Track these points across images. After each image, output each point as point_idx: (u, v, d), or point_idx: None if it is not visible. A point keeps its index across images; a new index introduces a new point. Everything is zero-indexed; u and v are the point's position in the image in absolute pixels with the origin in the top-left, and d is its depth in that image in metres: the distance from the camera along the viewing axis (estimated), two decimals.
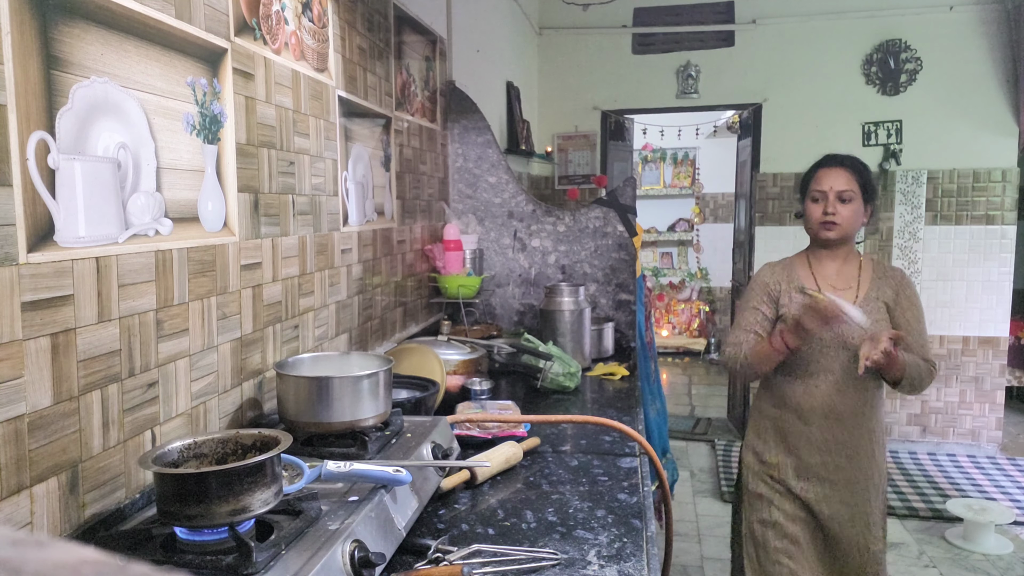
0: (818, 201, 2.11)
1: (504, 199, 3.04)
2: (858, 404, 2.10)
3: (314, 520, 1.05)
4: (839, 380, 2.08)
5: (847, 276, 2.13)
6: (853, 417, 2.10)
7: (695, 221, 8.27)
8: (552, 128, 5.58)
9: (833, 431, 2.11)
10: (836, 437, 2.11)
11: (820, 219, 2.10)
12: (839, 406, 2.09)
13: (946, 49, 4.92)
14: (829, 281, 2.12)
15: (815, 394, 2.11)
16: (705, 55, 5.32)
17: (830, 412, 2.10)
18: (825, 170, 2.13)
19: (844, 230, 2.09)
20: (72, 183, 1.03)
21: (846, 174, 2.09)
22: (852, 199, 2.08)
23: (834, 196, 2.08)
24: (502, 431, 1.73)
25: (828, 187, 2.09)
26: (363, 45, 2.16)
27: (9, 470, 0.93)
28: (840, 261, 2.15)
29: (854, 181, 2.09)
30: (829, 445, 2.12)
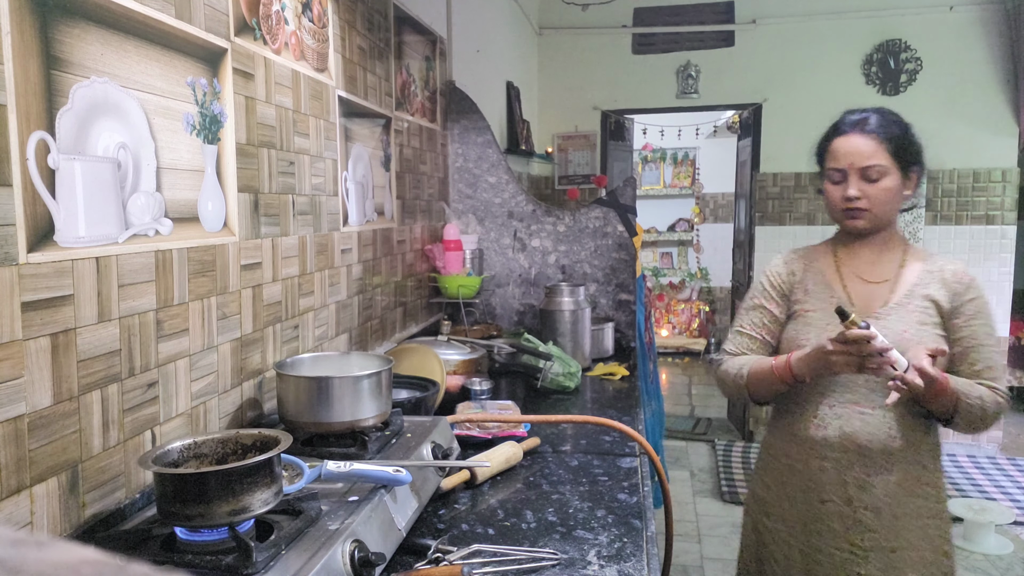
0: (837, 182, 1.60)
1: (504, 199, 3.04)
2: (896, 438, 1.56)
3: (314, 520, 1.05)
4: (863, 404, 1.58)
5: (883, 267, 1.64)
6: (889, 458, 1.56)
7: (695, 221, 8.27)
8: (552, 128, 5.58)
9: (858, 475, 1.57)
10: (862, 483, 1.57)
11: (841, 205, 1.60)
12: (866, 441, 1.56)
13: (946, 49, 4.92)
14: (858, 272, 1.65)
15: (831, 420, 1.60)
16: (705, 55, 5.32)
17: (851, 448, 1.58)
18: (841, 139, 1.60)
19: (876, 216, 1.58)
20: (72, 183, 1.03)
21: (870, 142, 1.56)
22: (883, 175, 1.55)
23: (857, 174, 1.57)
24: (502, 431, 1.73)
25: (847, 163, 1.57)
26: (363, 45, 2.16)
27: (9, 470, 0.93)
28: (876, 249, 1.65)
29: (882, 150, 1.55)
30: (851, 496, 1.58)
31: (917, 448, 1.57)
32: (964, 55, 4.90)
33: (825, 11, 5.06)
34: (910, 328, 1.57)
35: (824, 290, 1.66)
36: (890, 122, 1.59)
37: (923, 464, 1.58)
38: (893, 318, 1.58)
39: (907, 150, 1.59)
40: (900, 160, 1.57)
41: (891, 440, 1.56)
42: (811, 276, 1.69)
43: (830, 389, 1.60)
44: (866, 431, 1.57)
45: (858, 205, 1.57)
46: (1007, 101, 4.88)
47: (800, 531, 1.64)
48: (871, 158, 1.55)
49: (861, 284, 1.65)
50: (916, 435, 1.57)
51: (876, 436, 1.56)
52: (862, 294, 1.64)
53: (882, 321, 1.57)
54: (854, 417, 1.58)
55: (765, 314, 1.73)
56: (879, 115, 1.60)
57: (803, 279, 1.70)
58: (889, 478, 1.56)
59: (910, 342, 1.53)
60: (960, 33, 4.90)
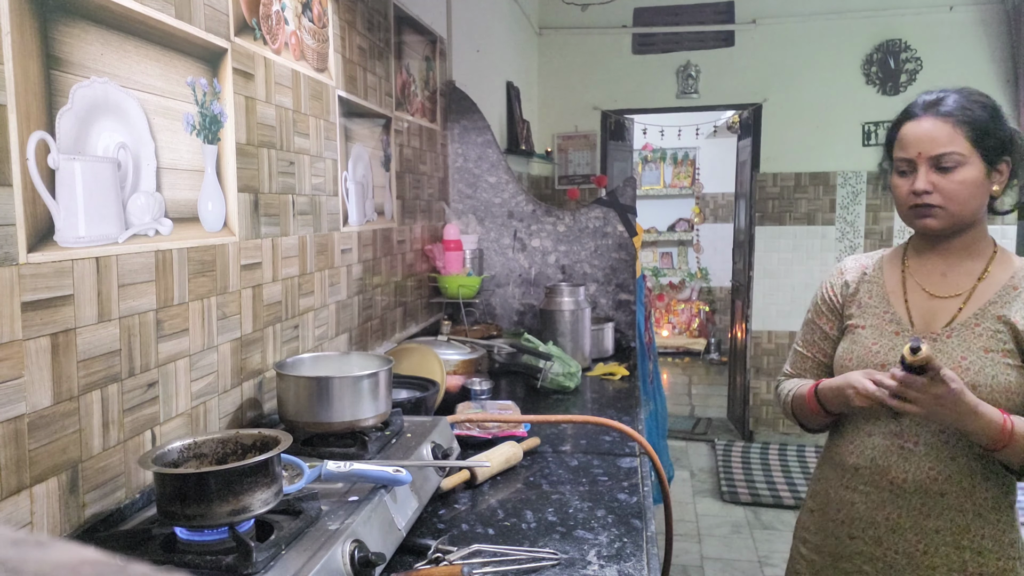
0: (905, 174, 1.37)
1: (504, 199, 3.04)
2: (938, 480, 1.34)
3: (314, 520, 1.05)
4: (905, 437, 1.37)
5: (959, 278, 1.39)
6: (927, 501, 1.35)
7: (695, 221, 8.27)
8: (552, 128, 5.58)
9: (890, 514, 1.38)
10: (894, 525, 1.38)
11: (909, 200, 1.37)
12: (900, 478, 1.36)
13: (946, 49, 4.92)
14: (926, 284, 1.42)
15: (865, 449, 1.42)
16: (705, 55, 5.32)
17: (883, 484, 1.38)
18: (912, 124, 1.37)
19: (952, 214, 1.34)
20: (72, 183, 1.03)
21: (944, 126, 1.32)
22: (960, 164, 1.31)
23: (927, 164, 1.33)
24: (502, 431, 1.73)
25: (916, 151, 1.34)
26: (363, 45, 2.16)
27: (9, 470, 0.93)
28: (955, 257, 1.40)
29: (959, 136, 1.31)
30: (881, 537, 1.39)
31: (968, 495, 1.33)
32: (964, 55, 4.90)
33: (825, 11, 5.06)
34: (971, 355, 1.32)
35: (880, 304, 1.45)
36: (971, 103, 1.34)
37: (977, 513, 1.33)
38: (953, 341, 1.34)
39: (992, 135, 1.33)
40: (983, 148, 1.32)
41: (931, 482, 1.34)
42: (869, 287, 1.48)
43: (873, 414, 1.40)
44: (902, 467, 1.36)
45: (928, 200, 1.33)
46: (1007, 101, 4.88)
47: (830, 565, 1.47)
48: (945, 145, 1.31)
49: (925, 299, 1.41)
50: (969, 480, 1.33)
51: (912, 475, 1.35)
52: (924, 311, 1.40)
53: (938, 344, 1.35)
54: (892, 451, 1.38)
55: (816, 331, 1.55)
56: (958, 95, 1.35)
57: (858, 290, 1.49)
58: (926, 523, 1.35)
59: (967, 373, 1.30)
60: (960, 33, 4.90)
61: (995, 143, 1.33)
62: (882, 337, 1.41)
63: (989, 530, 1.33)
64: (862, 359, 1.41)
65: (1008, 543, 1.34)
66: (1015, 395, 1.29)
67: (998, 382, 1.28)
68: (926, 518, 1.35)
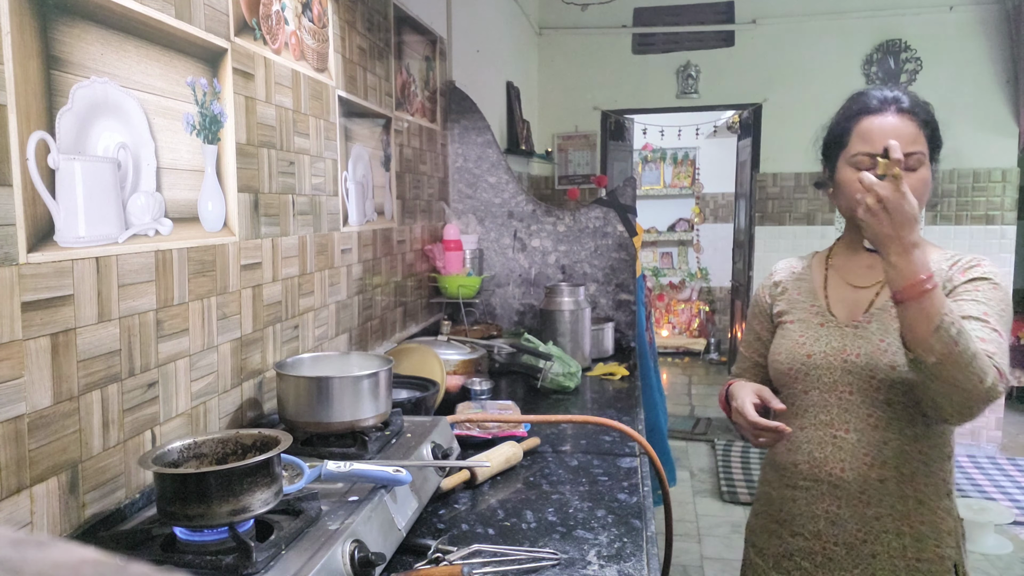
0: (868, 168, 1.29)
1: (504, 199, 3.04)
2: (875, 467, 1.33)
3: (314, 520, 1.05)
4: (836, 427, 1.37)
5: (880, 270, 1.37)
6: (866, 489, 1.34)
7: (695, 221, 8.27)
8: (552, 128, 5.58)
9: (829, 507, 1.37)
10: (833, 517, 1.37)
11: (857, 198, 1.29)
12: (838, 469, 1.36)
13: (946, 49, 4.92)
14: (849, 277, 1.44)
15: (801, 444, 1.42)
16: (705, 55, 5.32)
17: (821, 477, 1.38)
18: (875, 118, 1.32)
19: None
20: (72, 183, 1.03)
21: (911, 125, 1.30)
22: (921, 164, 1.30)
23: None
24: (502, 431, 1.73)
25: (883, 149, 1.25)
26: (363, 45, 2.16)
27: (9, 470, 0.93)
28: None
29: (922, 136, 1.31)
30: (821, 530, 1.39)
31: (908, 480, 1.33)
32: (964, 55, 4.90)
33: (825, 11, 5.06)
34: (889, 336, 1.33)
35: (807, 298, 1.48)
36: (924, 104, 1.35)
37: (918, 499, 1.33)
38: (873, 326, 1.36)
39: (938, 139, 1.36)
40: (934, 150, 1.35)
41: (868, 469, 1.33)
42: (798, 284, 1.52)
43: (802, 409, 1.41)
44: (838, 457, 1.36)
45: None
46: (1007, 101, 4.88)
47: (772, 567, 1.46)
48: (913, 143, 1.30)
49: (847, 290, 1.44)
50: (906, 465, 1.33)
51: (849, 464, 1.35)
52: (846, 301, 1.43)
53: (860, 331, 1.37)
54: (826, 442, 1.37)
55: (751, 332, 1.59)
56: (910, 96, 1.35)
57: (787, 288, 1.52)
58: (866, 511, 1.34)
59: (885, 354, 1.32)
60: (960, 33, 4.90)
61: (938, 147, 1.37)
62: (808, 329, 1.43)
63: (928, 516, 1.34)
64: (790, 351, 1.43)
65: (946, 531, 1.35)
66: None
67: None
68: (866, 506, 1.34)
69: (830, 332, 1.40)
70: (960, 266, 1.34)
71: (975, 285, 1.30)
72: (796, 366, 1.41)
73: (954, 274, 1.33)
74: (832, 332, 1.40)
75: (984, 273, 1.31)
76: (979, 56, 4.88)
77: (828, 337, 1.38)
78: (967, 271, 1.32)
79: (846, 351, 1.36)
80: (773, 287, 1.56)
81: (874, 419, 1.34)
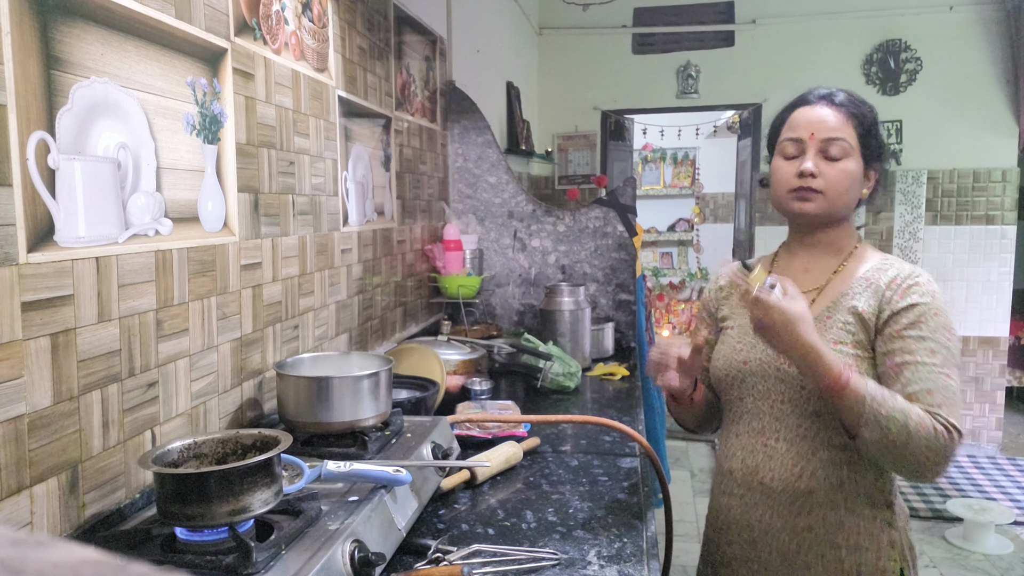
0: (791, 156, 1.34)
1: (504, 199, 3.04)
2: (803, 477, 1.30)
3: (314, 520, 1.05)
4: (767, 434, 1.34)
5: (817, 274, 1.38)
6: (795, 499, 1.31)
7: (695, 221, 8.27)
8: (552, 128, 5.58)
9: (762, 516, 1.35)
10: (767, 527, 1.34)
11: (790, 183, 1.33)
12: (768, 477, 1.33)
13: (946, 49, 4.92)
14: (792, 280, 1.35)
15: (735, 451, 1.40)
16: (705, 55, 5.32)
17: (754, 485, 1.35)
18: (805, 109, 1.36)
19: (829, 203, 1.32)
20: (72, 183, 1.03)
21: (838, 115, 1.32)
22: (846, 155, 1.31)
23: (816, 147, 1.31)
24: (502, 431, 1.73)
25: (808, 133, 1.32)
26: (363, 45, 2.16)
27: (9, 470, 0.93)
28: (818, 252, 1.39)
29: (849, 127, 1.32)
30: (756, 539, 1.36)
31: (836, 490, 1.29)
32: (964, 55, 4.90)
33: (825, 11, 5.06)
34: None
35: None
36: (861, 102, 1.36)
37: (850, 509, 1.29)
38: None
39: (874, 137, 1.34)
40: (864, 146, 1.33)
41: (796, 479, 1.30)
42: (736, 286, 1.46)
43: (738, 415, 1.40)
44: (768, 466, 1.33)
45: (812, 184, 1.30)
46: (1007, 101, 4.88)
47: (712, 574, 1.45)
48: (837, 131, 1.31)
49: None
50: (834, 475, 1.29)
51: (779, 473, 1.32)
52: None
53: None
54: (758, 449, 1.35)
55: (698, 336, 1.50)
56: (849, 93, 1.37)
57: (731, 293, 1.48)
58: (797, 521, 1.31)
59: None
60: (960, 33, 4.90)
61: (874, 146, 1.34)
62: (746, 335, 1.38)
63: (865, 526, 1.29)
64: (727, 357, 1.40)
65: (887, 542, 1.30)
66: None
67: None
68: (796, 516, 1.31)
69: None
70: (898, 285, 1.28)
71: (917, 315, 1.25)
72: (732, 372, 1.39)
73: (892, 295, 1.28)
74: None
75: (923, 296, 1.26)
76: (979, 56, 4.88)
77: (764, 344, 1.31)
78: (906, 293, 1.27)
79: (780, 359, 1.31)
80: (718, 291, 1.53)
81: (803, 429, 1.31)
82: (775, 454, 1.33)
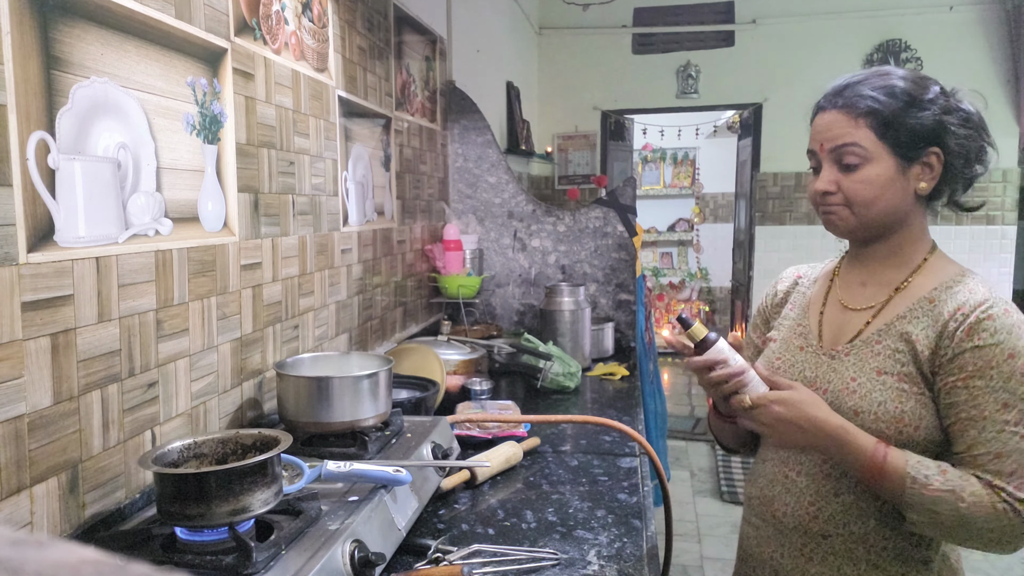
0: (815, 171, 1.22)
1: (504, 199, 3.04)
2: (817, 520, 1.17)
3: (314, 520, 1.05)
4: (789, 466, 1.22)
5: (879, 288, 1.20)
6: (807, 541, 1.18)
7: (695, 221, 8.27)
8: (552, 128, 5.58)
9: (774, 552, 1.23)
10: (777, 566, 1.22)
11: (815, 201, 1.21)
12: (781, 512, 1.21)
13: (946, 49, 4.92)
14: (844, 298, 1.24)
15: (758, 477, 1.28)
16: (705, 55, 5.32)
17: (768, 518, 1.24)
18: (819, 115, 1.21)
19: (857, 217, 1.15)
20: (72, 183, 1.03)
21: (840, 117, 1.16)
22: (864, 160, 1.13)
23: (830, 159, 1.17)
24: (502, 431, 1.73)
25: (818, 145, 1.19)
26: (363, 45, 2.16)
27: (9, 470, 0.93)
28: (879, 263, 1.20)
29: (862, 126, 1.13)
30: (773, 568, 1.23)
31: (859, 542, 1.13)
32: (964, 55, 4.90)
33: (825, 11, 5.06)
34: (862, 376, 1.14)
35: (799, 315, 1.31)
36: (877, 89, 1.15)
37: (876, 565, 1.12)
38: (850, 359, 1.17)
39: (904, 126, 1.12)
40: (892, 141, 1.12)
41: (811, 520, 1.17)
42: (796, 297, 1.34)
43: (766, 439, 1.28)
44: (784, 500, 1.20)
45: (831, 201, 1.17)
46: (1007, 101, 4.88)
47: None
48: (843, 137, 1.14)
49: (839, 312, 1.24)
50: (859, 524, 1.13)
51: (793, 508, 1.19)
52: (836, 324, 1.24)
53: (835, 362, 1.18)
54: (778, 480, 1.22)
55: (750, 344, 1.43)
56: (864, 83, 1.17)
57: (785, 300, 1.36)
58: (808, 568, 1.17)
59: (852, 396, 1.13)
60: (960, 33, 4.90)
61: (909, 134, 1.12)
62: (786, 351, 1.26)
63: None
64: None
65: None
66: (907, 426, 1.08)
67: (886, 409, 1.09)
68: (808, 561, 1.17)
69: (806, 358, 1.23)
70: (964, 317, 1.07)
71: (986, 360, 1.04)
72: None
73: (957, 330, 1.07)
74: (808, 359, 1.22)
75: (995, 336, 1.04)
76: (979, 56, 4.89)
77: (803, 364, 1.22)
78: (972, 331, 1.06)
79: (816, 383, 1.18)
80: (773, 296, 1.40)
81: (828, 467, 1.16)
82: (793, 488, 1.19)
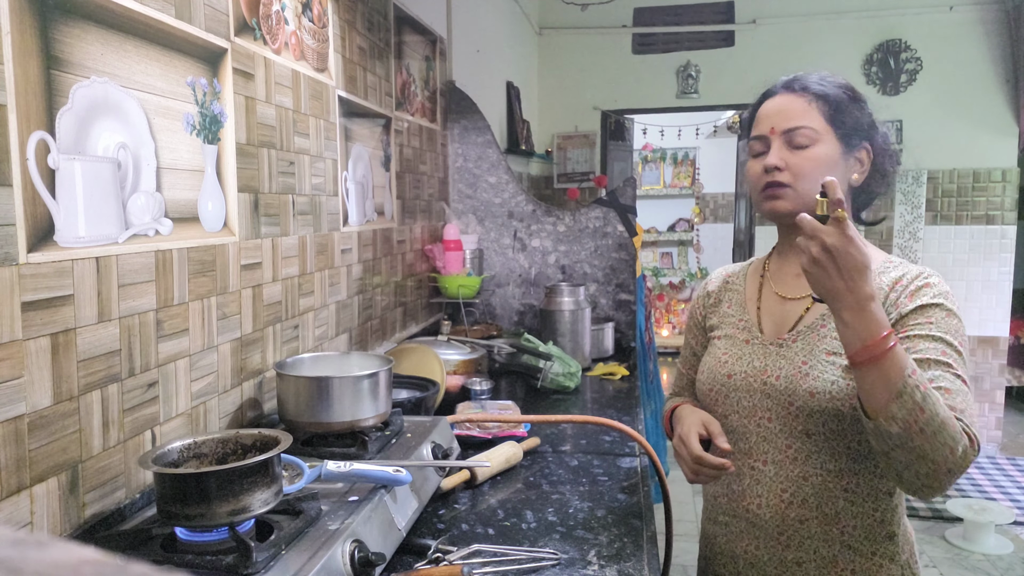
0: (758, 154, 1.25)
1: (504, 199, 3.04)
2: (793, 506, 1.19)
3: (314, 520, 1.05)
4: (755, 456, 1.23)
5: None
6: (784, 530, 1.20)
7: (695, 221, 8.27)
8: (552, 128, 5.58)
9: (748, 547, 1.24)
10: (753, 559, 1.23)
11: (759, 181, 1.23)
12: (754, 504, 1.23)
13: (946, 49, 4.92)
14: (781, 287, 1.29)
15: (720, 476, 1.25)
16: (705, 55, 5.32)
17: (739, 512, 1.25)
18: (768, 102, 1.27)
19: (802, 196, 1.19)
20: (72, 183, 1.03)
21: (798, 100, 1.22)
22: (814, 141, 1.19)
23: (780, 140, 1.21)
24: (502, 431, 1.73)
25: (769, 127, 1.23)
26: (363, 45, 2.16)
27: (9, 470, 0.93)
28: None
29: (814, 110, 1.20)
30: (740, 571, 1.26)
31: (832, 522, 1.17)
32: (964, 55, 4.90)
33: (825, 11, 5.06)
34: (812, 359, 1.18)
35: (738, 312, 1.34)
36: (828, 82, 1.24)
37: (846, 543, 1.17)
38: (798, 345, 1.21)
39: (849, 114, 1.21)
40: (839, 126, 1.20)
41: (786, 507, 1.19)
42: (731, 295, 1.37)
43: (726, 434, 1.26)
44: (755, 492, 1.22)
45: (779, 178, 1.19)
46: (1007, 101, 4.88)
47: None
48: (798, 118, 1.20)
49: (777, 303, 1.28)
50: (829, 504, 1.17)
51: (766, 499, 1.20)
52: (776, 315, 1.28)
53: (783, 350, 1.22)
54: (744, 474, 1.23)
55: (687, 347, 1.46)
56: (816, 75, 1.26)
57: (720, 300, 1.39)
58: (785, 555, 1.19)
59: (806, 379, 1.16)
60: (960, 33, 4.90)
61: (852, 123, 1.21)
62: (733, 346, 1.29)
63: (861, 562, 1.17)
64: (712, 370, 1.30)
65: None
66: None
67: (839, 387, 1.13)
68: (786, 549, 1.19)
69: (754, 350, 1.25)
70: (906, 287, 1.16)
71: (927, 315, 1.12)
72: (716, 387, 1.28)
73: (900, 298, 1.15)
74: (756, 350, 1.25)
75: (935, 297, 1.14)
76: (979, 56, 4.88)
77: (751, 356, 1.24)
78: (915, 295, 1.14)
79: (767, 372, 1.21)
80: (706, 298, 1.42)
81: (793, 451, 1.18)
82: (762, 478, 1.21)
